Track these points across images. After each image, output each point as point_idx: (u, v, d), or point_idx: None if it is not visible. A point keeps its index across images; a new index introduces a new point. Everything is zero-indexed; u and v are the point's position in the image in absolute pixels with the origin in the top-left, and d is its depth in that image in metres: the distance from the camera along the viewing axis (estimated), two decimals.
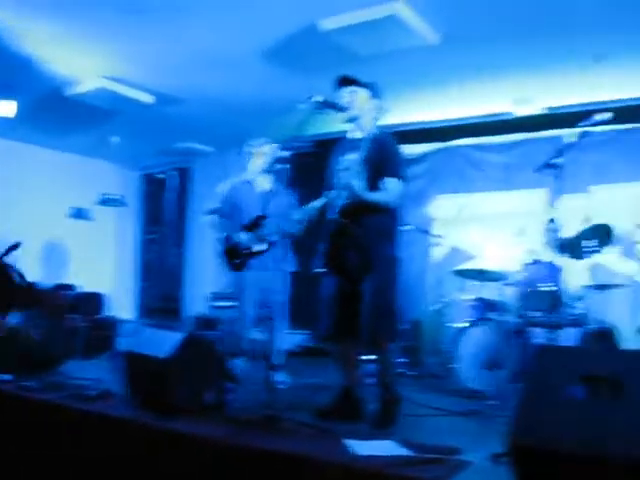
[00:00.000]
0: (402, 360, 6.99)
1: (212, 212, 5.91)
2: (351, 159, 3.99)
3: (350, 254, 3.92)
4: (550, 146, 3.85)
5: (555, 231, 3.65)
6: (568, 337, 5.87)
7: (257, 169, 5.72)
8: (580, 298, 5.80)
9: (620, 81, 6.48)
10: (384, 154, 3.95)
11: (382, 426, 3.85)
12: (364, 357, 6.56)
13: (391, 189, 3.96)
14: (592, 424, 2.37)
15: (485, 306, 6.33)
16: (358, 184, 3.78)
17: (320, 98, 3.82)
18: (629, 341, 5.10)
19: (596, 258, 5.91)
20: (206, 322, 8.77)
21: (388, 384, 4.05)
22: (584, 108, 6.47)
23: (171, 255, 10.92)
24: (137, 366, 4.21)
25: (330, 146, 4.39)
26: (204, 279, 9.92)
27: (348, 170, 3.75)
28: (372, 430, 3.78)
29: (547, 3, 5.00)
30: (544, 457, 2.42)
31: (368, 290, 3.89)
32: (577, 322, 5.70)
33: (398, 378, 4.27)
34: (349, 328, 3.96)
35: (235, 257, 5.46)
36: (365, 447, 3.10)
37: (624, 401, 2.39)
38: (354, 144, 4.09)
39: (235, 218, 5.60)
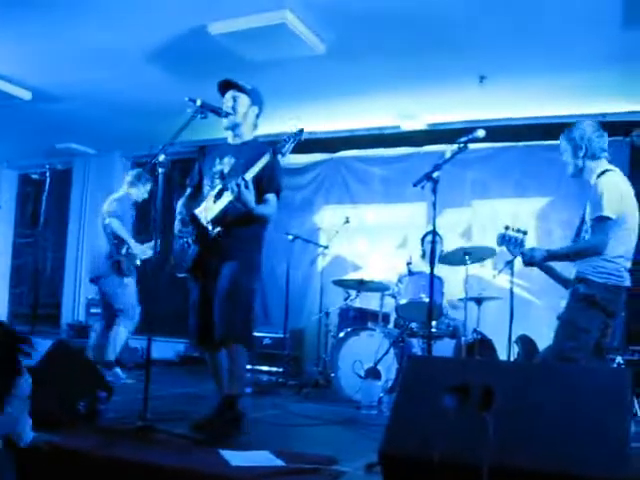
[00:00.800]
0: (283, 369, 7.01)
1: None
2: (234, 166, 3.94)
3: (212, 260, 3.89)
4: (433, 161, 3.95)
5: (434, 243, 3.72)
6: (446, 347, 6.03)
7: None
8: (456, 309, 5.98)
9: (500, 102, 6.73)
10: (267, 172, 3.89)
11: (213, 442, 3.46)
12: (249, 367, 6.65)
13: (272, 204, 3.97)
14: (462, 433, 2.42)
15: (365, 316, 6.43)
16: (251, 198, 3.72)
17: (200, 102, 3.75)
18: (505, 352, 5.27)
19: (474, 270, 6.10)
20: (81, 329, 8.49)
21: (232, 399, 3.83)
22: (466, 125, 6.69)
23: (49, 259, 10.52)
24: None
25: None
26: (85, 285, 9.60)
27: (243, 181, 3.67)
28: (200, 439, 3.53)
29: (433, 22, 5.14)
30: (413, 466, 2.46)
31: (223, 289, 3.81)
32: (454, 333, 5.87)
33: (268, 383, 4.16)
34: (209, 334, 3.86)
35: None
36: (240, 458, 3.07)
37: (494, 410, 2.44)
38: (233, 150, 4.05)
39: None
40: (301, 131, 3.84)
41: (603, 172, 3.72)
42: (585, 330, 3.67)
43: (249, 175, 3.72)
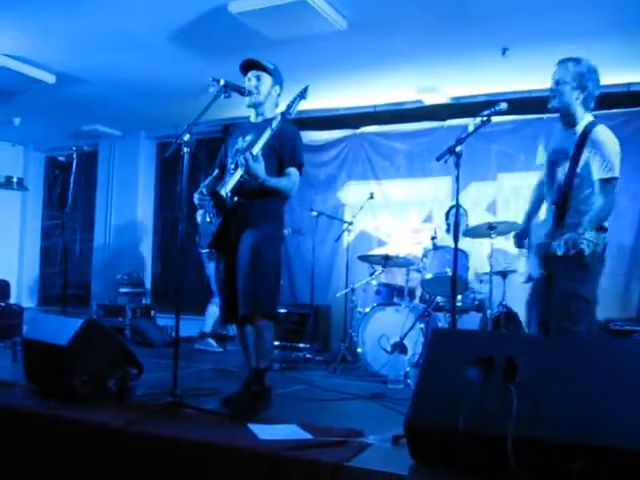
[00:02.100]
0: (310, 345, 7.07)
1: None
2: (250, 142, 3.96)
3: (234, 232, 3.92)
4: (456, 135, 3.93)
5: (458, 217, 3.71)
6: (472, 321, 6.05)
7: None
8: (482, 282, 5.98)
9: (523, 73, 6.65)
10: (288, 144, 3.94)
11: (240, 416, 3.48)
12: (277, 343, 6.73)
13: (293, 178, 3.98)
14: (487, 404, 2.44)
15: (391, 291, 6.45)
16: (261, 170, 3.74)
17: (223, 82, 3.77)
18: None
19: (499, 244, 6.07)
20: (111, 309, 8.61)
21: (259, 372, 3.88)
22: (490, 98, 6.63)
23: (78, 241, 10.65)
24: (36, 354, 4.10)
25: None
26: (114, 265, 9.73)
27: (250, 155, 3.69)
28: (229, 414, 3.56)
29: None
30: (438, 438, 2.49)
31: (245, 263, 3.83)
32: (480, 306, 5.88)
33: (296, 359, 4.19)
34: (236, 309, 3.90)
35: None
36: (268, 431, 3.12)
37: (519, 381, 2.46)
38: (255, 128, 4.06)
39: None
40: (305, 89, 3.84)
41: (594, 123, 3.60)
42: (594, 302, 3.62)
43: (256, 148, 3.73)
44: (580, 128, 3.64)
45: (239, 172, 3.78)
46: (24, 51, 6.54)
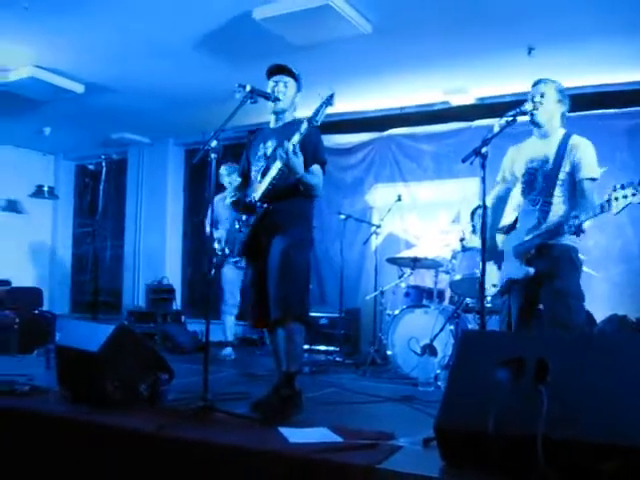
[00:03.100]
0: (339, 348, 7.08)
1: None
2: (272, 145, 3.98)
3: (264, 238, 3.94)
4: (483, 136, 3.92)
5: (485, 218, 3.71)
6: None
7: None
8: None
9: (549, 72, 6.59)
10: (310, 144, 3.93)
11: (271, 420, 3.51)
12: (307, 347, 6.74)
13: (318, 175, 3.99)
14: (517, 406, 2.43)
15: (420, 293, 6.43)
16: (300, 163, 3.74)
17: (249, 87, 3.79)
18: None
19: None
20: (142, 315, 8.68)
21: (289, 376, 3.86)
22: (516, 98, 6.58)
23: (108, 248, 10.76)
24: (69, 360, 4.15)
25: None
26: (145, 271, 9.83)
27: (292, 146, 3.69)
28: (259, 418, 3.57)
29: None
30: (468, 440, 2.48)
31: (276, 268, 3.85)
32: None
33: (325, 362, 4.20)
34: (266, 313, 3.92)
35: None
36: (298, 435, 3.12)
37: (549, 382, 2.45)
38: (275, 133, 4.08)
39: None
40: (332, 96, 3.81)
41: (570, 132, 3.93)
42: (584, 299, 3.80)
43: (294, 140, 3.73)
44: (557, 137, 3.92)
45: (273, 171, 3.80)
46: (53, 62, 6.64)
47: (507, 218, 4.29)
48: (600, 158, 3.90)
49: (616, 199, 3.34)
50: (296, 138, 3.75)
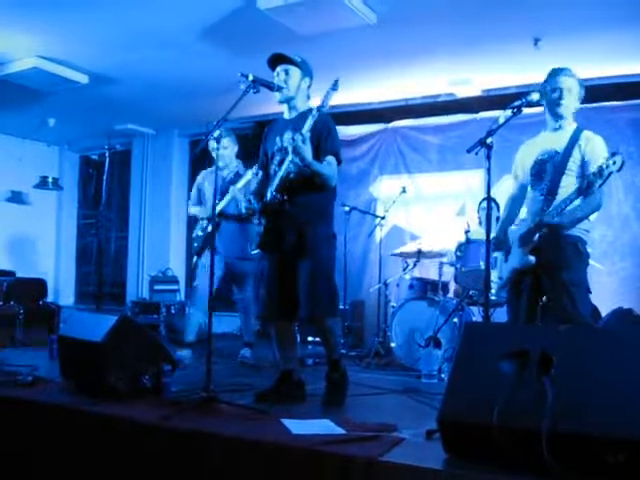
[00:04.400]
0: (344, 340, 7.07)
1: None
2: (290, 137, 3.96)
3: (286, 233, 3.92)
4: (489, 127, 3.90)
5: (490, 210, 3.69)
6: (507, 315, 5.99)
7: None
8: None
9: (556, 64, 6.55)
10: (324, 132, 3.92)
11: (333, 403, 3.87)
12: (310, 338, 6.73)
13: (332, 165, 3.96)
14: (521, 398, 2.42)
15: (424, 285, 6.41)
16: (308, 152, 3.74)
17: (252, 77, 3.76)
18: None
19: None
20: (146, 306, 8.68)
21: (334, 362, 4.05)
22: (522, 90, 6.54)
23: (112, 239, 10.77)
24: (72, 351, 4.15)
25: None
26: (149, 262, 9.83)
27: (300, 135, 3.69)
28: (323, 409, 3.76)
29: None
30: (472, 432, 2.47)
31: (305, 268, 3.87)
32: None
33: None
34: (285, 307, 3.95)
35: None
36: (301, 426, 3.11)
37: (553, 375, 2.43)
38: (290, 124, 4.05)
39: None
40: (336, 81, 3.84)
41: (580, 128, 3.92)
42: (590, 291, 3.81)
43: (305, 128, 3.75)
44: (569, 130, 3.93)
45: (287, 162, 3.81)
46: (57, 52, 6.63)
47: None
48: (607, 148, 3.89)
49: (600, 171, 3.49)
50: (306, 127, 3.76)
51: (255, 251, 4.14)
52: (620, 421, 2.22)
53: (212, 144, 5.55)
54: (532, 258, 3.82)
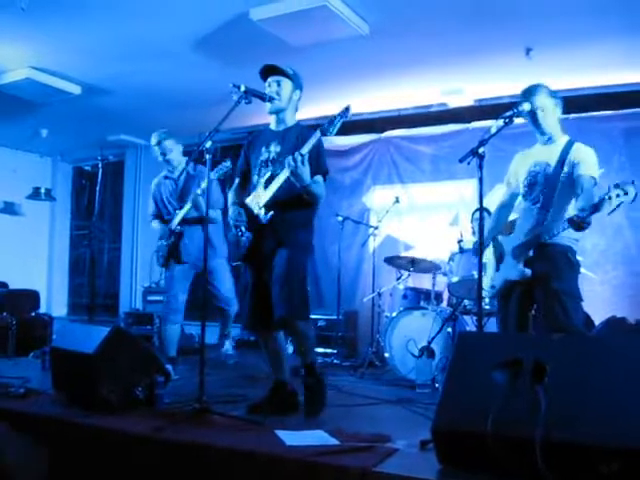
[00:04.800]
0: (337, 350, 7.06)
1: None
2: (281, 152, 3.96)
3: (267, 243, 3.94)
4: (481, 137, 3.93)
5: (482, 220, 3.70)
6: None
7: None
8: None
9: (547, 74, 6.59)
10: (314, 152, 3.89)
11: (312, 413, 3.86)
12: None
13: (321, 185, 3.98)
14: (514, 408, 2.42)
15: (418, 295, 6.42)
16: (307, 173, 3.73)
17: (244, 88, 3.76)
18: None
19: None
20: (139, 317, 8.65)
21: (309, 366, 4.03)
22: (514, 99, 6.56)
23: (105, 250, 10.74)
24: (64, 363, 4.13)
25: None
26: (142, 274, 9.80)
27: (300, 155, 3.69)
28: (306, 419, 3.77)
29: None
30: (466, 442, 2.46)
31: (279, 269, 3.88)
32: None
33: (323, 364, 4.25)
34: (266, 318, 3.94)
35: None
36: (295, 438, 3.11)
37: (547, 384, 2.43)
38: (277, 136, 4.06)
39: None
40: (347, 109, 3.84)
41: (572, 141, 3.96)
42: (581, 300, 3.81)
43: (305, 149, 3.74)
44: (561, 142, 3.96)
45: (283, 176, 3.80)
46: (49, 63, 6.62)
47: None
48: (598, 160, 3.91)
49: (610, 198, 3.35)
50: (306, 148, 3.75)
51: (236, 263, 4.14)
52: (614, 430, 2.22)
53: (156, 153, 5.73)
54: (528, 270, 3.82)
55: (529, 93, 4.01)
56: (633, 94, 6.68)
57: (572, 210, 3.78)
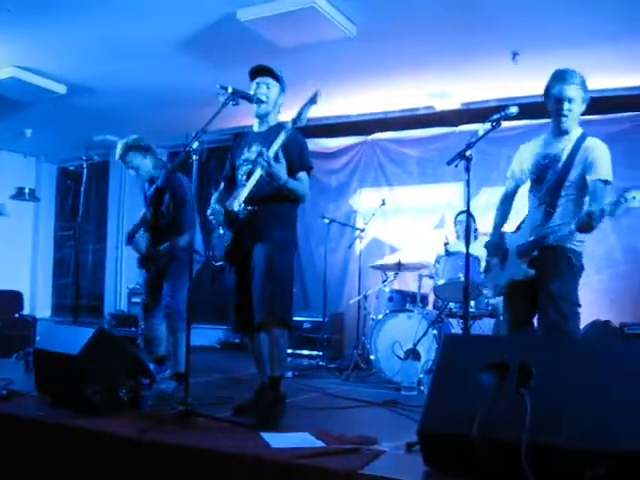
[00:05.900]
0: (323, 353, 7.06)
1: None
2: (257, 150, 3.94)
3: (245, 241, 3.89)
4: (467, 140, 3.91)
5: (469, 222, 3.70)
6: (486, 327, 6.00)
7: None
8: None
9: (534, 78, 6.60)
10: (296, 149, 3.91)
11: (261, 426, 3.40)
12: (290, 351, 6.69)
13: (304, 181, 3.96)
14: (500, 410, 2.41)
15: (404, 297, 6.42)
16: (283, 171, 3.71)
17: (231, 89, 3.74)
18: None
19: None
20: (124, 319, 8.60)
21: (275, 380, 3.87)
22: (501, 103, 6.60)
23: (90, 251, 10.68)
24: (48, 364, 4.10)
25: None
26: (127, 275, 9.75)
27: (263, 159, 3.67)
28: (242, 423, 3.49)
29: None
30: (452, 444, 2.46)
31: (258, 272, 3.83)
32: (493, 312, 5.83)
33: (308, 367, 4.17)
34: (249, 319, 3.87)
35: None
36: (280, 440, 3.09)
37: (533, 387, 2.43)
38: (259, 137, 4.04)
39: None
40: (315, 94, 3.83)
41: (585, 135, 3.78)
42: (579, 305, 3.72)
43: (274, 148, 3.72)
44: (573, 136, 3.79)
45: (256, 175, 3.77)
46: (35, 62, 6.58)
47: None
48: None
49: (619, 202, 3.29)
50: (276, 146, 3.73)
51: (219, 262, 4.09)
52: (600, 434, 2.22)
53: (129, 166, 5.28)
54: (532, 271, 3.76)
55: (562, 79, 3.76)
56: (614, 99, 6.72)
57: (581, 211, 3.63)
